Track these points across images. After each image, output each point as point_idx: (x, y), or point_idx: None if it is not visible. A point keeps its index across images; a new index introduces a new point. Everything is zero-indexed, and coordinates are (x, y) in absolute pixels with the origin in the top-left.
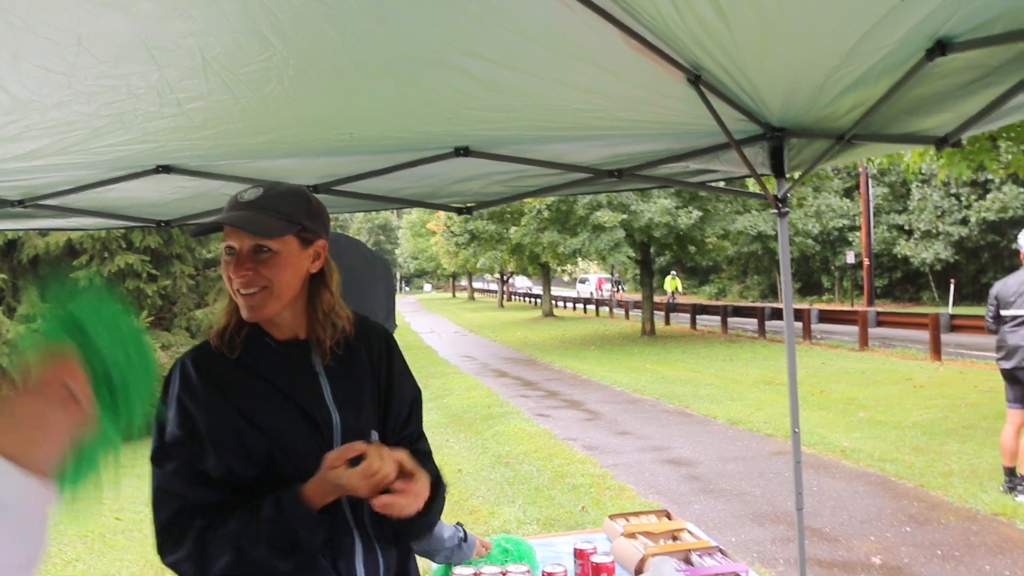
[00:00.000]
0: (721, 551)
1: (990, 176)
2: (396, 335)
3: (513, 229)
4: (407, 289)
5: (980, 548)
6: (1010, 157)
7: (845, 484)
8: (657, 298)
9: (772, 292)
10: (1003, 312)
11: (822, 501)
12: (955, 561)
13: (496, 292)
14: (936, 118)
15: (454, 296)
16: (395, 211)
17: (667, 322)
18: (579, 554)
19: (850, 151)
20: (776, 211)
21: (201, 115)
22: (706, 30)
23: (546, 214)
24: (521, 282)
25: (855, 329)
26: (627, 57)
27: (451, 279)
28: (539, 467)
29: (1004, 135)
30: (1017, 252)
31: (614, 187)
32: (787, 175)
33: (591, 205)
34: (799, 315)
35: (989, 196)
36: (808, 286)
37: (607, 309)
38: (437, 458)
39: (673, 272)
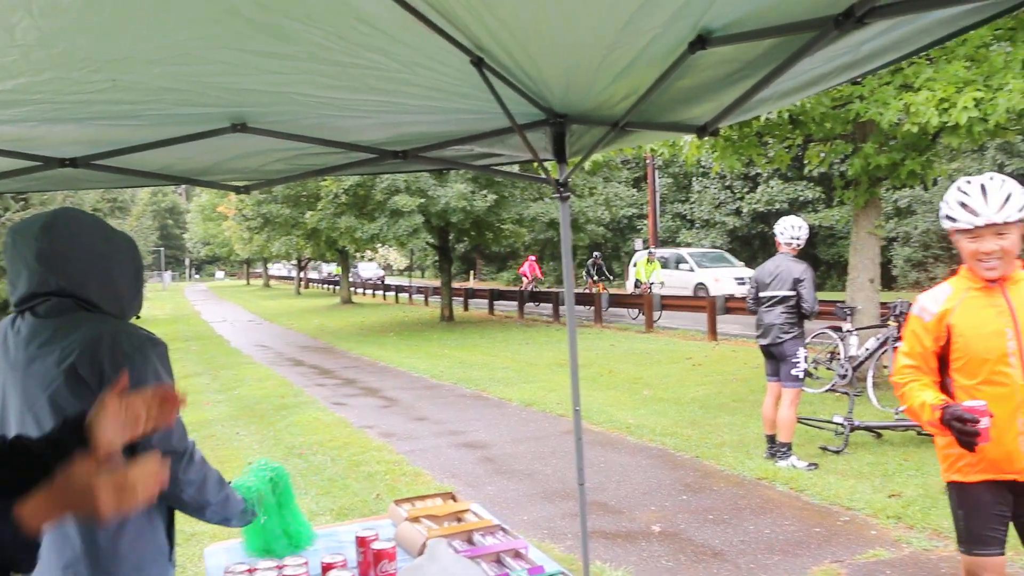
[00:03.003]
0: (503, 529)
1: (760, 171)
2: (184, 324)
3: (309, 214)
4: (197, 276)
5: (746, 510)
6: (773, 154)
7: (629, 458)
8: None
9: None
10: (760, 294)
11: (608, 476)
12: (724, 524)
13: (293, 279)
14: (699, 108)
15: (248, 284)
16: (182, 193)
17: (466, 308)
18: (360, 542)
19: (625, 138)
20: (558, 195)
21: None
22: (489, 7)
23: (343, 198)
24: (328, 267)
25: (643, 313)
26: (408, 23)
27: (245, 265)
28: (334, 457)
29: (770, 133)
30: (775, 240)
31: (399, 168)
32: (568, 161)
33: (389, 190)
34: (591, 300)
35: (759, 189)
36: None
37: (407, 296)
38: (226, 451)
39: (651, 252)
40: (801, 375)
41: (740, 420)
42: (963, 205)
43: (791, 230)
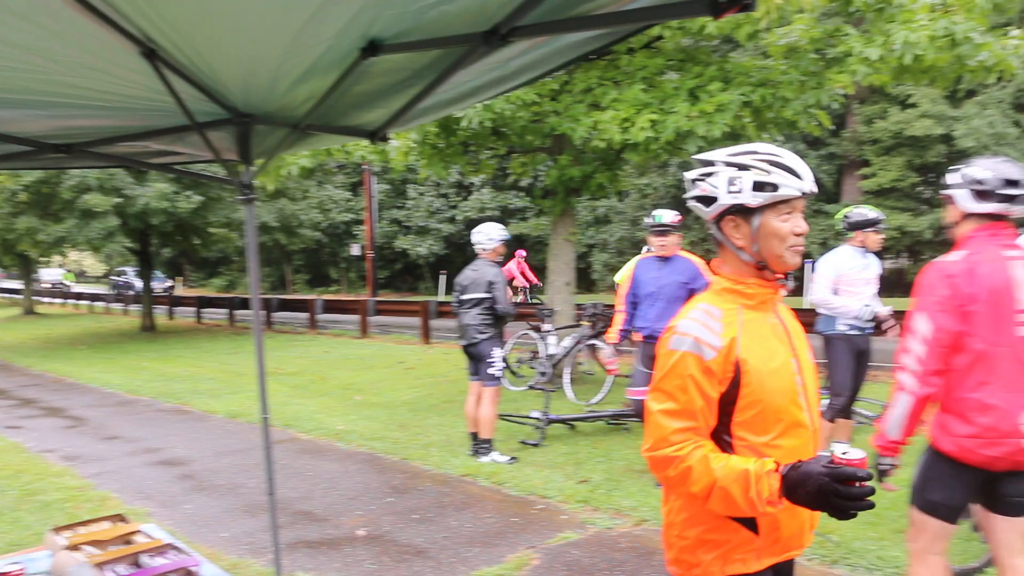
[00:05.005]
0: (176, 548)
1: (472, 180)
2: None
3: None
4: None
5: (450, 507)
6: (479, 163)
7: (338, 465)
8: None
9: (282, 284)
10: (461, 297)
11: (315, 484)
12: (429, 522)
13: None
14: (372, 113)
15: None
16: None
17: (171, 317)
18: None
19: (308, 140)
20: (243, 197)
21: None
22: (153, 6)
23: (23, 196)
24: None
25: (358, 318)
26: (72, 18)
27: None
28: (3, 487)
29: (475, 143)
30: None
31: (61, 164)
32: (254, 162)
33: (79, 187)
34: (306, 306)
35: (472, 197)
36: (317, 277)
37: (102, 304)
38: None
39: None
40: (498, 374)
41: (448, 420)
42: (785, 168)
43: (483, 236)
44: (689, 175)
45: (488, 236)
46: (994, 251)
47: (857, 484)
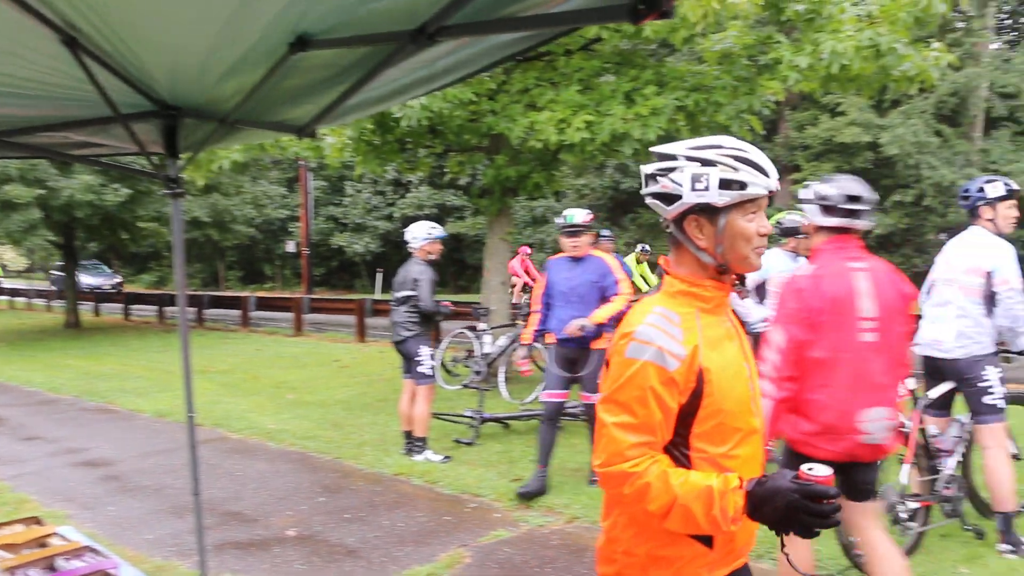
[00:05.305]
0: (94, 550)
1: (411, 178)
2: None
3: None
4: None
5: (382, 506)
6: (416, 160)
7: (268, 465)
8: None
9: (215, 280)
10: (395, 294)
11: (245, 484)
12: (360, 521)
13: None
14: (300, 109)
15: None
16: None
17: (97, 313)
18: None
19: (236, 135)
20: (169, 191)
21: None
22: None
23: None
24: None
25: (292, 315)
26: None
27: None
28: None
29: (412, 141)
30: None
31: None
32: (181, 155)
33: None
34: (239, 303)
35: (409, 195)
36: (251, 274)
37: (24, 300)
38: None
39: (644, 249)
40: (429, 372)
41: (383, 419)
42: (752, 164)
43: (410, 235)
44: (647, 169)
45: (414, 235)
46: (840, 264)
47: (825, 501)
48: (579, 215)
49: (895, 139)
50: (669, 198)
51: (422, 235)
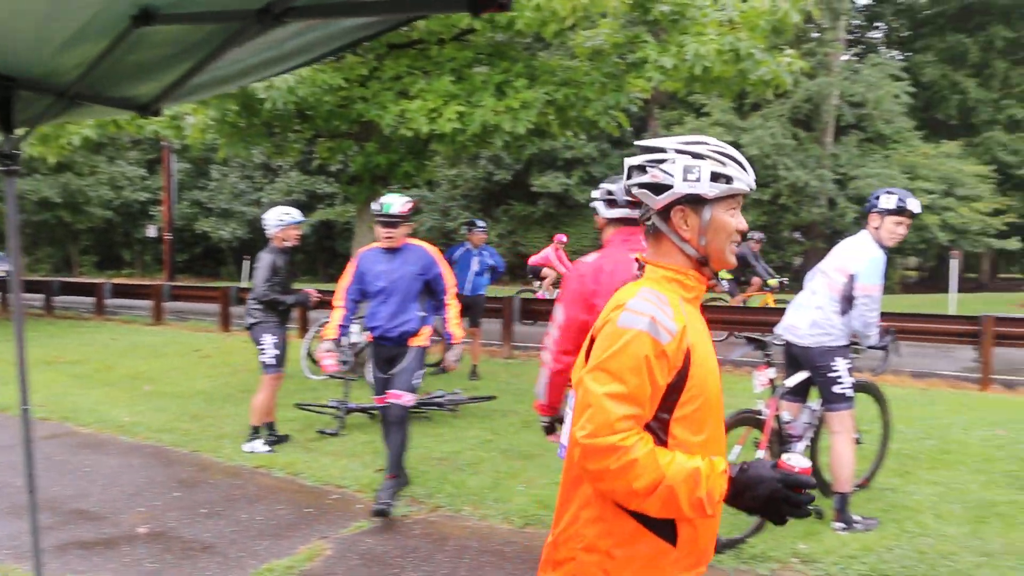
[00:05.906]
0: None
1: (280, 163)
2: None
3: None
4: None
5: (241, 500)
6: (285, 144)
7: (120, 459)
8: None
9: (67, 265)
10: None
11: (93, 481)
12: (217, 516)
13: None
14: (145, 86)
15: None
16: None
17: None
18: None
19: (77, 110)
20: (2, 168)
21: None
22: None
23: None
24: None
25: (151, 303)
26: None
27: None
28: None
29: (279, 125)
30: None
31: None
32: (16, 130)
33: None
34: (92, 290)
35: (278, 180)
36: (108, 259)
37: None
38: None
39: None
40: (271, 360)
41: (244, 410)
42: (737, 161)
43: (266, 221)
44: (632, 161)
45: (268, 221)
46: (623, 253)
47: (803, 492)
48: (397, 204)
49: (755, 140)
50: (658, 188)
51: (274, 221)
